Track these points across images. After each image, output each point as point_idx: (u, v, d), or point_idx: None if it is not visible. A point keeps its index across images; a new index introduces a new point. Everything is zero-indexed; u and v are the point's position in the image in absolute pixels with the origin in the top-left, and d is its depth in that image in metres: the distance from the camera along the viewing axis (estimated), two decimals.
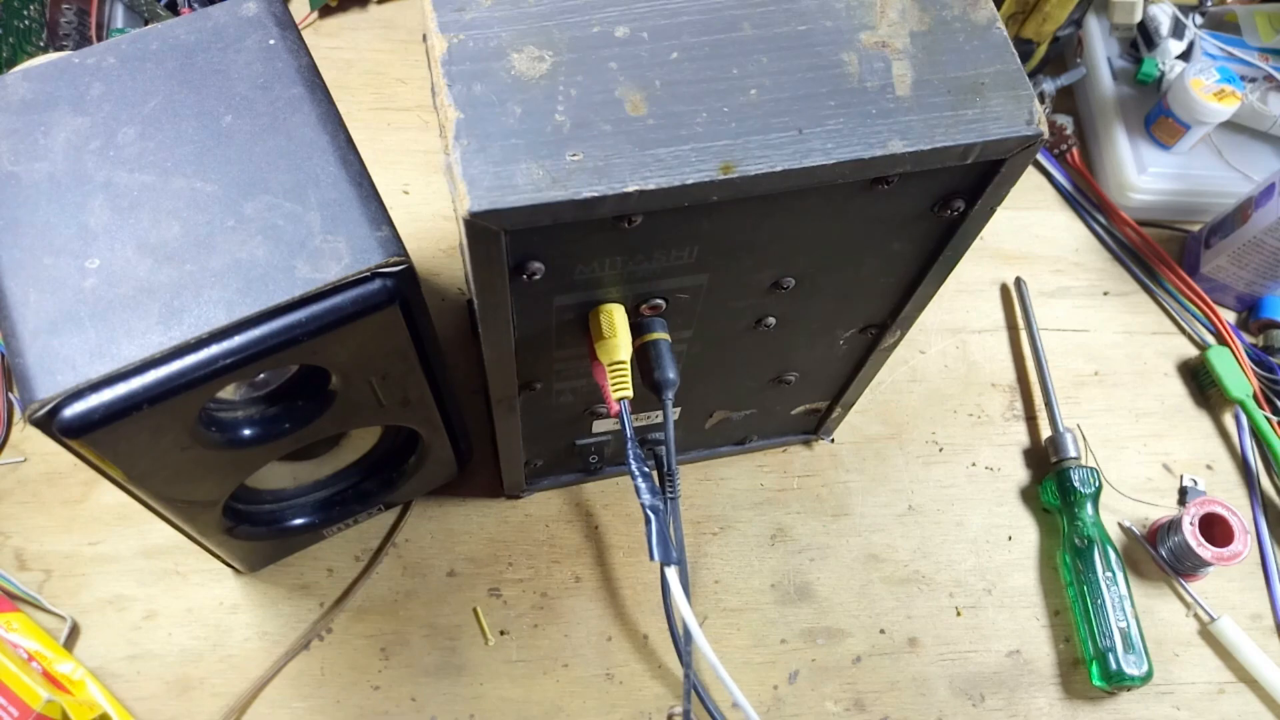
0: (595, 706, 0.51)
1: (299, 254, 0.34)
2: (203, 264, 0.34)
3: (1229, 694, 0.54)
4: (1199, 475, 0.59)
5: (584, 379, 0.43)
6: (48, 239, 0.34)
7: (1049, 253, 0.66)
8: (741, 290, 0.39)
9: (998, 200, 0.35)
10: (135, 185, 0.35)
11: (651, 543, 0.36)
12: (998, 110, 0.32)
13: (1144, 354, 0.63)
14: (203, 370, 0.33)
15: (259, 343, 0.33)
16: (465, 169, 0.29)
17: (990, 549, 0.56)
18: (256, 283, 0.33)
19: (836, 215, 0.35)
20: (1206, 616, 0.55)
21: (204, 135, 0.36)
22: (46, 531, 0.52)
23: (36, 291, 0.33)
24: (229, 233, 0.34)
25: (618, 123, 0.30)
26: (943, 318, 0.63)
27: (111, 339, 0.32)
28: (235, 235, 0.34)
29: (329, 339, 0.34)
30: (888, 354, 0.48)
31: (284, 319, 0.33)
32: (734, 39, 0.32)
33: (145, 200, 0.35)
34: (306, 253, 0.34)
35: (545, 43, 0.32)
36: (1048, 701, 0.53)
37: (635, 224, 0.32)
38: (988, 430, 0.60)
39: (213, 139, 0.36)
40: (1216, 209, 0.64)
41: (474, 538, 0.54)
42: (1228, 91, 0.61)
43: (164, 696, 0.49)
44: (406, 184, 0.63)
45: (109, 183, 0.35)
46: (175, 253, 0.34)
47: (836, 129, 0.31)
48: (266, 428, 0.40)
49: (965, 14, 0.33)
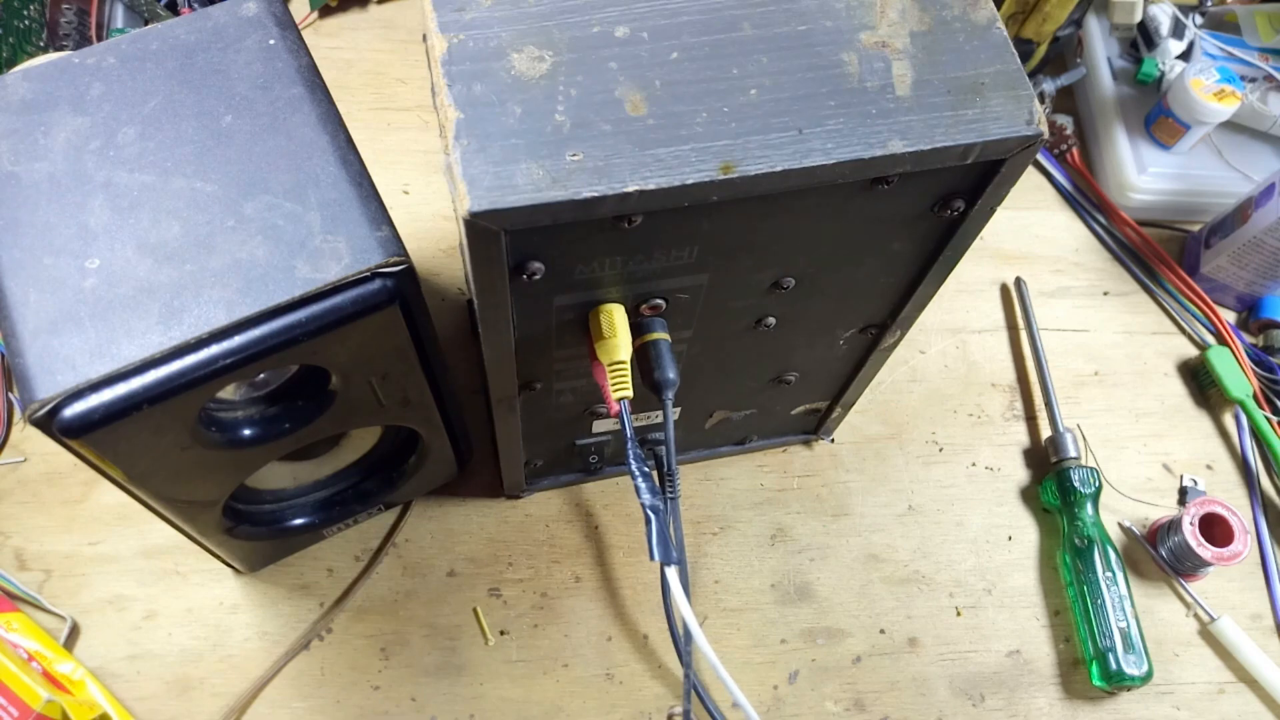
0: (595, 706, 0.51)
1: (299, 254, 0.34)
2: (203, 264, 0.34)
3: (1229, 694, 0.54)
4: (1199, 475, 0.59)
5: (584, 379, 0.43)
6: (48, 239, 0.34)
7: (1049, 253, 0.66)
8: (741, 290, 0.39)
9: (998, 200, 0.35)
10: (135, 185, 0.35)
11: (652, 543, 0.36)
12: (998, 110, 0.32)
13: (1144, 354, 0.63)
14: (202, 370, 0.33)
15: (258, 343, 0.33)
16: (465, 169, 0.29)
17: (990, 549, 0.56)
18: (257, 283, 0.33)
19: (836, 215, 0.35)
20: (1206, 616, 0.55)
21: (204, 135, 0.36)
22: (46, 531, 0.52)
23: (37, 291, 0.33)
24: (229, 233, 0.34)
25: (618, 123, 0.30)
26: (943, 318, 0.63)
27: (111, 339, 0.32)
28: (235, 235, 0.34)
29: (328, 339, 0.34)
30: (888, 354, 0.48)
31: (283, 319, 0.33)
32: (734, 39, 0.32)
33: (145, 200, 0.35)
34: (307, 253, 0.34)
35: (545, 43, 0.32)
36: (1048, 701, 0.53)
37: (635, 224, 0.32)
38: (988, 430, 0.60)
39: (213, 139, 0.36)
40: (1216, 209, 0.64)
41: (474, 538, 0.54)
42: (1228, 91, 0.61)
43: (164, 696, 0.49)
44: (406, 184, 0.63)
45: (109, 182, 0.35)
46: (175, 253, 0.34)
47: (836, 129, 0.31)
48: (266, 428, 0.40)
49: (965, 14, 0.33)
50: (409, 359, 0.39)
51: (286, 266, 0.34)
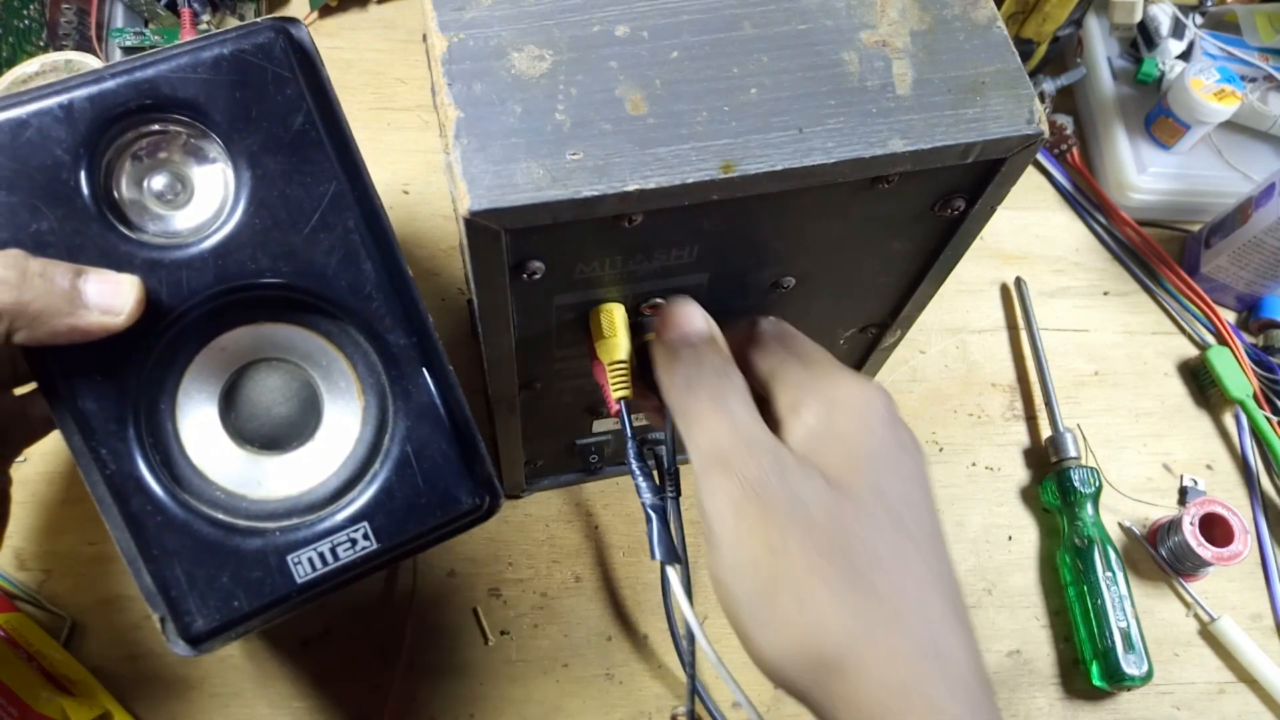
0: (595, 707, 0.50)
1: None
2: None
3: (1229, 694, 0.54)
4: (1199, 475, 0.59)
5: (584, 379, 0.43)
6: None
7: (1049, 252, 0.66)
8: (742, 290, 0.39)
9: (998, 200, 0.35)
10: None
11: (653, 542, 0.36)
12: (998, 109, 0.32)
13: (1144, 354, 0.63)
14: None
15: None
16: (465, 168, 0.29)
17: (990, 549, 0.56)
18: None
19: (837, 214, 0.35)
20: (1207, 616, 0.55)
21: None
22: (46, 531, 0.52)
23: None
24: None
25: (618, 122, 0.30)
26: (943, 318, 0.63)
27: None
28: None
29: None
30: (888, 354, 0.48)
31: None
32: (734, 38, 0.32)
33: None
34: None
35: (545, 41, 0.31)
36: (1048, 701, 0.53)
37: (635, 223, 0.32)
38: (988, 430, 0.60)
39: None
40: (1216, 209, 0.64)
41: (474, 537, 0.54)
42: (1228, 91, 0.61)
43: (163, 697, 0.49)
44: (406, 184, 0.63)
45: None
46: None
47: (837, 128, 0.31)
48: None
49: (965, 13, 0.33)
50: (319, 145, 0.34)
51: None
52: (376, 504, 0.36)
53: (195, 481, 0.35)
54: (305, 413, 0.36)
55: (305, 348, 0.36)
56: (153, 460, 0.34)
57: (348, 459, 0.36)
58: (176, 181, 0.34)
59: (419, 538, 0.36)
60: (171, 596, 0.34)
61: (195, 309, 0.34)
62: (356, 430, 0.36)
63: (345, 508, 0.35)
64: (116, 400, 0.33)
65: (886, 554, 0.31)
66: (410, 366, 0.36)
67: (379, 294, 0.35)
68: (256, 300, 0.34)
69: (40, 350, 0.32)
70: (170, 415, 0.35)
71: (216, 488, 0.35)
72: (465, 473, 0.36)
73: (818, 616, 0.31)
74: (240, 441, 0.36)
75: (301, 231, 0.34)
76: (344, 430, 0.36)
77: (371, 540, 0.35)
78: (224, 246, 0.33)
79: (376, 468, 0.36)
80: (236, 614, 0.34)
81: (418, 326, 0.35)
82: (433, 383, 0.36)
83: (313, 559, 0.35)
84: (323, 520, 0.35)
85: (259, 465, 0.36)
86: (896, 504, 0.33)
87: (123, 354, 0.33)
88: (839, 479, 0.32)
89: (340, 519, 0.35)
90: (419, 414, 0.36)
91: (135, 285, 0.32)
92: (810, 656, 0.31)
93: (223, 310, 0.34)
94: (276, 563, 0.35)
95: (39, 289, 0.30)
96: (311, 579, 0.35)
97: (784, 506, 0.32)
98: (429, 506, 0.36)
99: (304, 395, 0.36)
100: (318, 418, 0.36)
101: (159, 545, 0.34)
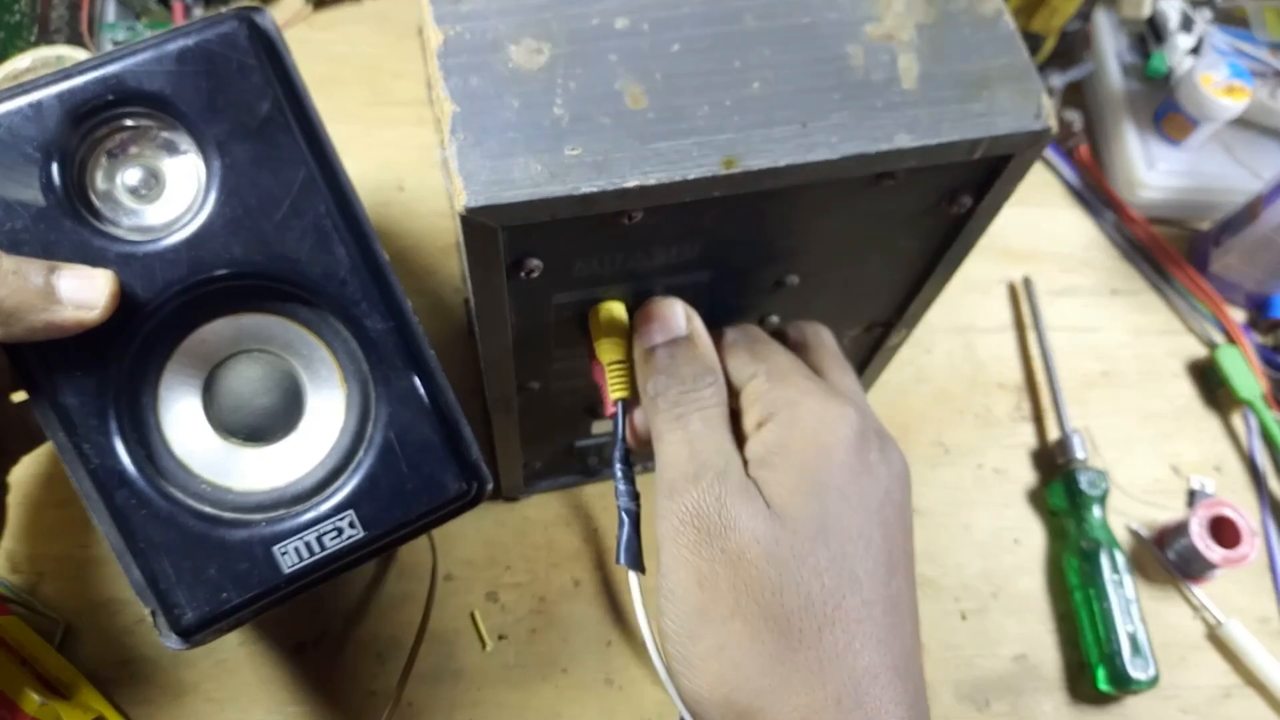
0: (594, 712, 0.50)
1: None
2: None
3: (1236, 698, 0.53)
4: (1208, 477, 0.59)
5: (583, 379, 0.42)
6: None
7: (1057, 250, 0.65)
8: (744, 288, 0.38)
9: (1005, 196, 0.35)
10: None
11: (620, 546, 0.36)
12: (1005, 104, 0.31)
13: (1153, 354, 0.63)
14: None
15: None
16: (462, 163, 0.29)
17: (997, 552, 0.56)
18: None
19: (841, 211, 0.34)
20: (1214, 620, 0.54)
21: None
22: (39, 534, 0.51)
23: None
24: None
25: (618, 116, 0.30)
26: (949, 317, 0.62)
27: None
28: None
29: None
30: (893, 353, 0.47)
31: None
32: (736, 31, 0.32)
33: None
34: None
35: (543, 34, 0.31)
36: (1054, 706, 0.52)
37: (635, 220, 0.31)
38: (995, 431, 0.59)
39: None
40: (1226, 206, 0.64)
41: (471, 541, 0.53)
42: (1238, 87, 0.60)
43: (158, 701, 0.48)
44: (401, 181, 0.62)
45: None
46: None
47: (841, 122, 0.30)
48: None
49: (972, 6, 0.33)
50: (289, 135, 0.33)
51: None
52: (362, 492, 0.35)
53: (179, 474, 0.35)
54: (288, 403, 0.36)
55: (286, 337, 0.36)
56: (136, 454, 0.34)
57: (332, 448, 0.36)
58: (149, 175, 0.34)
59: (406, 525, 0.36)
60: (160, 589, 0.34)
61: (171, 301, 0.33)
62: (340, 419, 0.36)
63: (331, 497, 0.35)
64: (96, 395, 0.33)
65: (820, 596, 0.30)
66: (389, 352, 0.35)
67: (354, 278, 0.34)
68: (234, 290, 0.34)
69: (19, 347, 0.32)
70: (152, 409, 0.35)
71: (201, 480, 0.35)
72: (450, 458, 0.36)
73: (735, 662, 0.30)
74: (224, 434, 0.36)
75: (273, 219, 0.33)
76: (327, 419, 0.36)
77: (358, 528, 0.35)
78: (197, 238, 0.33)
79: (361, 455, 0.35)
80: (225, 605, 0.34)
81: (395, 311, 0.35)
82: (413, 367, 0.35)
83: (299, 549, 0.35)
84: (308, 510, 0.35)
85: (243, 457, 0.36)
86: (842, 538, 0.32)
87: (101, 349, 0.33)
88: (783, 508, 0.32)
89: (326, 508, 0.35)
90: (401, 400, 0.35)
91: (109, 279, 0.32)
92: (727, 703, 0.30)
93: (201, 302, 0.34)
94: (263, 553, 0.34)
95: (13, 286, 0.30)
96: (299, 569, 0.35)
97: (718, 540, 0.31)
98: (415, 493, 0.36)
99: (286, 385, 0.36)
100: (300, 407, 0.36)
101: (145, 538, 0.34)
